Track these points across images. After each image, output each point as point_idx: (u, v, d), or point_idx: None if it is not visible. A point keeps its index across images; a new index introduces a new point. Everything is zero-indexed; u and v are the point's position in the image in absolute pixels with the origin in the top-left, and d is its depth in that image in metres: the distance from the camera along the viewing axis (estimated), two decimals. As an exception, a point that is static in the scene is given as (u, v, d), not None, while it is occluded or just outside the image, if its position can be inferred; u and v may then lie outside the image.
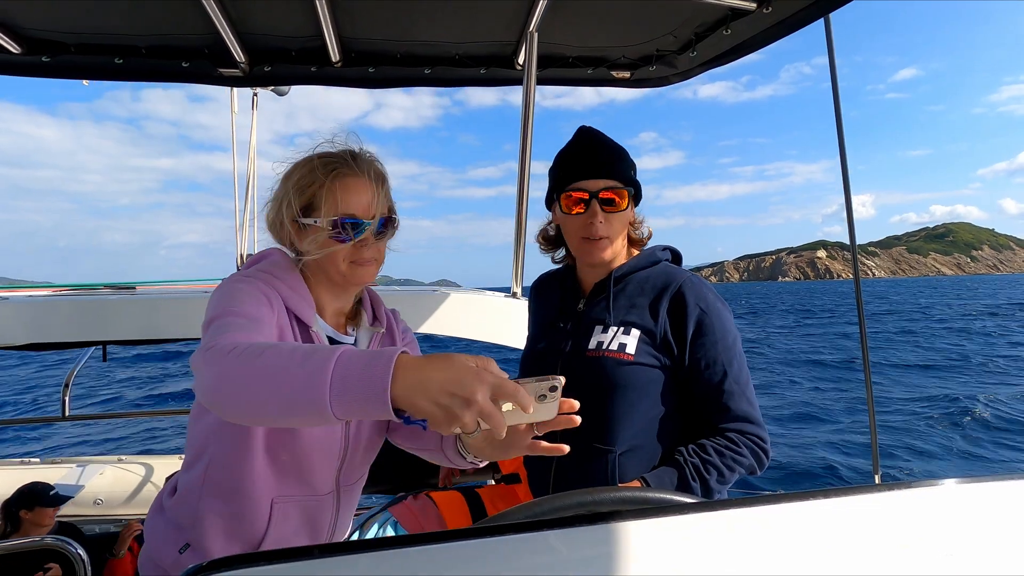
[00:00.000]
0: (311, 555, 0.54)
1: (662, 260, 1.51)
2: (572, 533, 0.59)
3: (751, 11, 1.97)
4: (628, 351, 1.36)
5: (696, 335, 1.36)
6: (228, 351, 0.88)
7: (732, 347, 1.37)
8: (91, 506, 3.71)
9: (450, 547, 0.57)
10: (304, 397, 0.80)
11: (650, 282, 1.44)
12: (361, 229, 1.17)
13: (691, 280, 1.42)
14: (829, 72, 2.09)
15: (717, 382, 1.35)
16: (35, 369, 17.38)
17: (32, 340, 2.45)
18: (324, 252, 1.17)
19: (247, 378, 0.85)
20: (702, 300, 1.38)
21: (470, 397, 0.75)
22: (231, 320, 1.02)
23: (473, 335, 2.77)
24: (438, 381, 0.76)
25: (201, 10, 1.99)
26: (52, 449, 9.12)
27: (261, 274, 1.18)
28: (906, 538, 0.61)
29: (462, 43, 2.40)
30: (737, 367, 1.36)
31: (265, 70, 2.43)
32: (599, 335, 1.41)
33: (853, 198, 2.26)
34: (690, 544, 0.59)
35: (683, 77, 2.53)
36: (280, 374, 0.82)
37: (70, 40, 2.22)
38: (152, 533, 1.25)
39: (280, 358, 0.83)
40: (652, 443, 1.38)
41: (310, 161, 1.20)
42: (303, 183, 1.18)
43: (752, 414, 1.35)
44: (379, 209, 1.20)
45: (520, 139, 2.57)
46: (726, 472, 1.30)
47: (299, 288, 1.21)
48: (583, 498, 0.87)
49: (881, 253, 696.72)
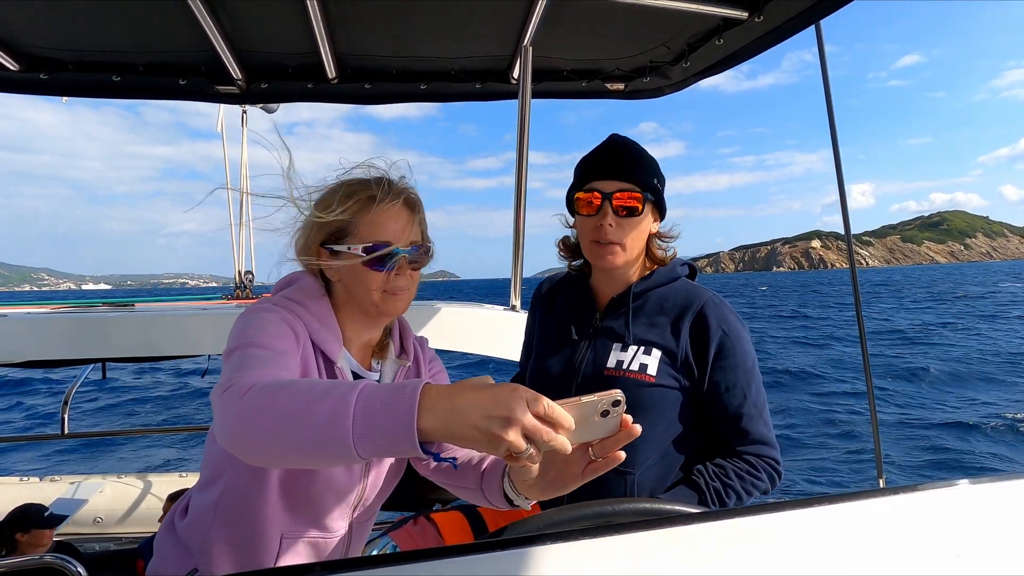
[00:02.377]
0: (312, 572, 0.54)
1: (681, 276, 1.48)
2: (576, 546, 0.59)
3: (743, 20, 1.99)
4: (650, 372, 1.33)
5: (717, 358, 1.34)
6: (244, 392, 0.84)
7: (751, 370, 1.37)
8: (90, 524, 3.69)
9: (450, 563, 0.57)
10: (325, 438, 0.76)
11: (670, 300, 1.41)
12: (395, 256, 1.14)
13: (712, 301, 1.40)
14: (821, 74, 2.10)
15: (737, 405, 1.34)
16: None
17: (31, 357, 2.44)
18: (357, 280, 1.14)
19: (265, 421, 0.81)
20: (724, 322, 1.37)
21: (510, 415, 0.70)
22: (253, 352, 0.98)
23: (472, 349, 2.76)
24: (472, 404, 0.72)
25: (198, 28, 2.01)
26: (52, 466, 9.07)
27: (289, 303, 1.15)
28: (913, 541, 0.60)
29: (457, 58, 2.42)
30: (755, 390, 1.36)
31: (262, 87, 2.45)
32: (618, 353, 1.37)
33: (852, 187, 2.28)
34: (698, 553, 0.59)
35: (677, 87, 2.55)
36: (299, 415, 0.78)
37: (68, 58, 2.24)
38: (161, 551, 1.23)
39: (297, 398, 0.80)
40: (669, 463, 1.37)
41: (345, 185, 1.18)
42: (337, 208, 1.14)
43: (769, 437, 1.35)
44: (413, 237, 1.18)
45: (516, 153, 2.59)
46: (744, 496, 1.30)
47: (327, 319, 1.17)
48: (592, 510, 0.86)
49: (876, 242, 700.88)
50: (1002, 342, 19.94)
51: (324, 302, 1.19)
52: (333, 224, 1.15)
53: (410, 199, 1.19)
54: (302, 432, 0.77)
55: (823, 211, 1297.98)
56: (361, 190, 1.16)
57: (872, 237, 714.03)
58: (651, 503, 0.96)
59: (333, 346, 1.15)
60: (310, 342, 1.13)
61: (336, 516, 1.21)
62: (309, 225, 1.18)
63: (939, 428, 10.09)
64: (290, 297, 1.16)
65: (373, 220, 1.14)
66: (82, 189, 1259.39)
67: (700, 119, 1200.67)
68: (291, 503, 1.16)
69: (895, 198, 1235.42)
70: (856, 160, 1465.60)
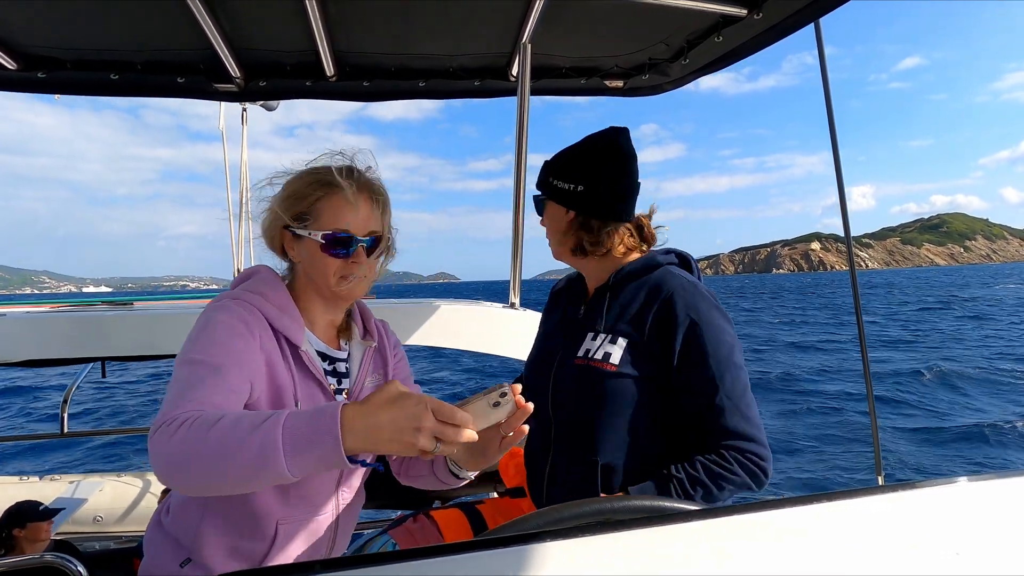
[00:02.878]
0: (313, 570, 0.54)
1: (662, 264, 1.45)
2: (573, 544, 0.59)
3: (742, 18, 1.99)
4: (612, 361, 1.34)
5: (685, 347, 1.30)
6: (173, 434, 0.88)
7: (726, 359, 1.30)
8: (90, 523, 3.69)
9: (449, 560, 0.57)
10: (259, 471, 0.84)
11: (644, 288, 1.40)
12: (353, 245, 1.18)
13: (683, 287, 1.36)
14: (820, 74, 2.09)
15: (708, 398, 1.29)
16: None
17: (30, 356, 2.44)
18: (314, 264, 1.19)
19: (197, 464, 0.87)
20: (692, 309, 1.32)
21: (418, 425, 0.83)
22: (196, 372, 1.01)
23: (472, 346, 2.76)
24: (386, 420, 0.83)
25: (196, 26, 2.00)
26: (51, 465, 9.07)
27: (247, 294, 1.18)
28: (912, 538, 0.61)
29: (456, 56, 2.42)
30: (730, 381, 1.29)
31: (260, 85, 2.44)
32: (588, 342, 1.40)
33: (853, 189, 2.29)
34: (697, 551, 0.59)
35: (676, 85, 2.54)
36: (230, 456, 0.85)
37: (66, 56, 2.23)
38: (151, 546, 1.25)
39: (226, 438, 0.86)
40: (636, 454, 1.35)
41: (311, 172, 1.21)
42: (301, 193, 1.19)
43: (746, 430, 1.28)
44: (373, 227, 1.21)
45: (515, 150, 2.58)
46: (714, 491, 1.25)
47: (287, 307, 1.21)
48: (592, 507, 0.86)
49: (875, 244, 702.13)
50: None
51: (282, 290, 1.24)
52: (296, 208, 1.19)
53: (373, 190, 1.23)
54: (233, 471, 0.85)
55: (823, 213, 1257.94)
56: (325, 177, 1.19)
57: (872, 239, 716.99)
58: (651, 501, 0.96)
59: (296, 332, 1.19)
60: (271, 331, 1.17)
61: (322, 492, 1.24)
62: (275, 205, 1.23)
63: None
64: (248, 289, 1.21)
65: (334, 207, 1.18)
66: (82, 191, 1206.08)
67: (700, 121, 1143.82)
68: (281, 487, 1.17)
69: (896, 200, 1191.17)
70: (857, 162, 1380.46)
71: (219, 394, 1.00)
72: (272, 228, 1.23)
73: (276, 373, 1.14)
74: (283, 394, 1.14)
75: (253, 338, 1.11)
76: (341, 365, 1.30)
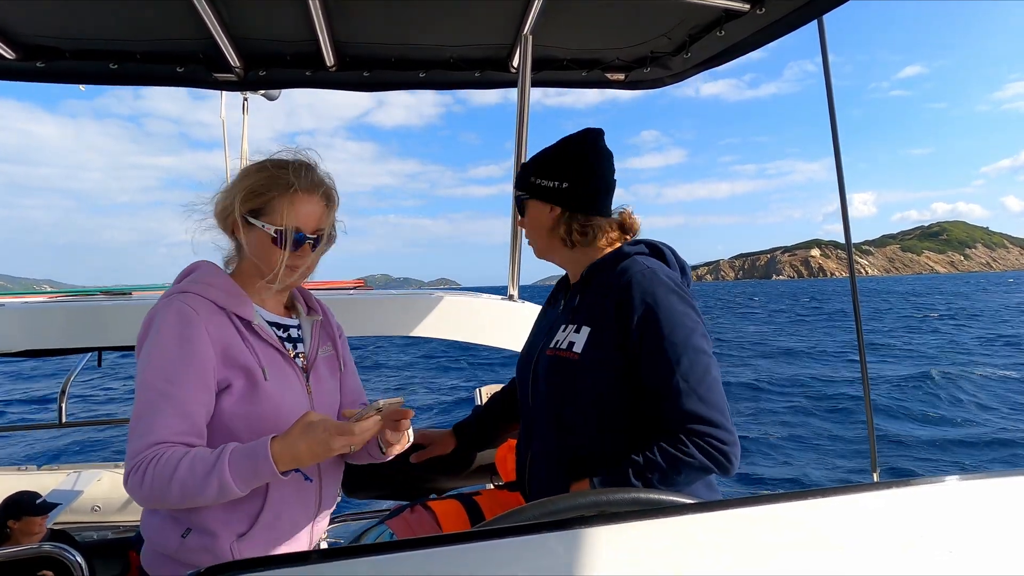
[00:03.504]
0: (309, 560, 0.54)
1: (630, 255, 1.44)
2: (572, 535, 0.59)
3: (744, 12, 1.98)
4: (575, 350, 1.37)
5: (641, 331, 1.30)
6: (141, 484, 1.11)
7: (683, 342, 1.28)
8: (88, 513, 3.69)
9: (447, 551, 0.57)
10: (221, 498, 1.12)
11: (611, 279, 1.40)
12: (302, 243, 1.28)
13: (641, 273, 1.35)
14: (823, 73, 2.08)
15: (664, 381, 1.28)
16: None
17: (28, 347, 2.43)
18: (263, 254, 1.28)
19: (170, 503, 1.14)
20: (648, 295, 1.31)
21: (329, 447, 1.11)
22: (149, 402, 1.16)
23: (469, 338, 2.76)
24: (305, 449, 1.11)
25: (196, 15, 1.99)
26: (50, 455, 9.08)
27: (191, 286, 1.27)
28: (906, 536, 0.61)
29: (457, 46, 2.40)
30: (687, 364, 1.27)
31: (260, 74, 2.43)
32: (559, 333, 1.45)
33: (854, 196, 2.28)
34: (689, 545, 0.59)
35: (677, 79, 2.53)
36: (194, 494, 1.10)
37: (65, 46, 2.22)
38: (149, 529, 1.29)
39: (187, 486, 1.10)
40: (606, 441, 1.37)
41: (272, 167, 1.29)
42: (258, 187, 1.27)
43: (705, 413, 1.26)
44: (321, 225, 1.31)
45: (515, 141, 2.57)
46: (671, 474, 1.24)
47: (232, 289, 1.30)
48: (589, 500, 0.87)
49: (875, 251, 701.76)
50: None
51: (225, 277, 1.33)
52: (253, 201, 1.27)
53: (326, 192, 1.33)
54: (200, 502, 1.13)
55: (824, 220, 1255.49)
56: (282, 175, 1.27)
57: (872, 246, 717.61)
58: (649, 493, 0.96)
59: (245, 309, 1.29)
60: (222, 313, 1.26)
61: None
62: (231, 193, 1.30)
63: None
64: (193, 281, 1.29)
65: (288, 206, 1.26)
66: (84, 200, 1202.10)
67: (702, 127, 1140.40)
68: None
69: (897, 207, 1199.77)
70: (858, 169, 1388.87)
71: (174, 417, 1.16)
72: (225, 212, 1.31)
73: (236, 354, 1.24)
74: (251, 370, 1.25)
75: (199, 332, 1.20)
76: (294, 331, 1.42)
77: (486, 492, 1.77)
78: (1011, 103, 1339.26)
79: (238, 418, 1.24)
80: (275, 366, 1.30)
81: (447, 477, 1.92)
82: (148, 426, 1.14)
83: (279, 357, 1.32)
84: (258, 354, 1.27)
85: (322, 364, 1.44)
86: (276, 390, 1.27)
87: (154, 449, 1.12)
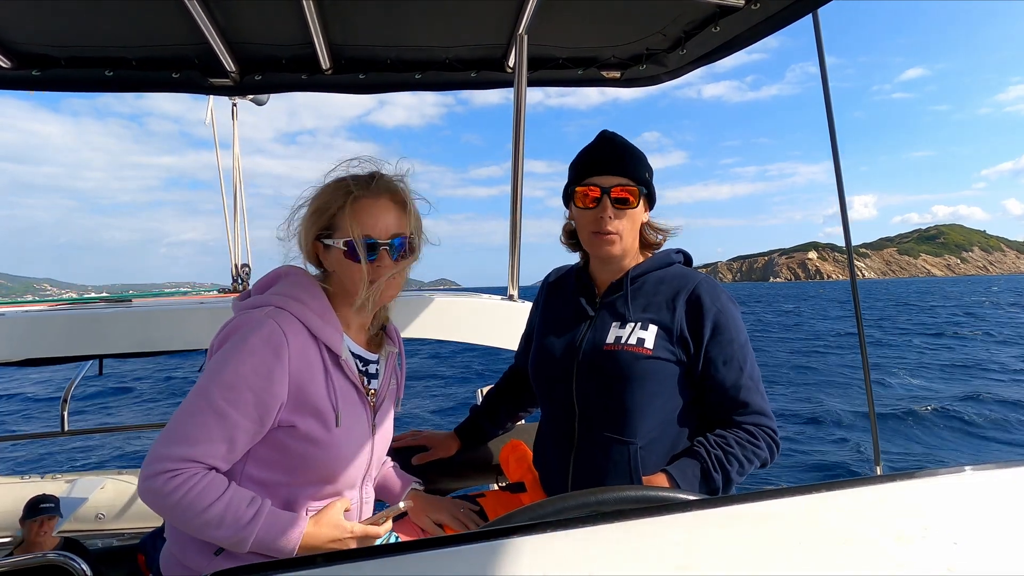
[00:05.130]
0: (314, 563, 0.54)
1: (676, 262, 1.55)
2: (577, 534, 0.59)
3: (739, 8, 1.98)
4: (647, 345, 1.39)
5: (713, 334, 1.40)
6: (165, 498, 1.08)
7: (745, 346, 1.42)
8: (92, 521, 3.69)
9: (453, 551, 0.57)
10: (227, 543, 1.12)
11: (666, 282, 1.48)
12: (376, 250, 1.22)
13: (706, 281, 1.46)
14: (819, 69, 2.08)
15: (734, 378, 1.39)
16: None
17: (29, 355, 2.43)
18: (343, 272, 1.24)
19: (187, 527, 1.12)
20: (718, 301, 1.43)
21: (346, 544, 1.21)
22: (203, 416, 1.11)
23: (469, 338, 2.76)
24: (327, 542, 1.19)
25: (190, 20, 1.99)
26: (52, 463, 9.08)
27: (288, 303, 1.20)
28: (911, 528, 0.61)
29: (452, 47, 2.40)
30: (751, 364, 1.42)
31: (256, 79, 2.43)
32: (617, 330, 1.44)
33: (855, 199, 2.28)
34: (696, 540, 0.59)
35: (673, 75, 2.53)
36: (211, 529, 1.10)
37: (60, 54, 2.21)
38: (179, 537, 1.24)
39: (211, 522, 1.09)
40: (670, 436, 1.42)
41: (332, 184, 1.26)
42: (323, 206, 1.24)
43: (766, 408, 1.41)
44: (396, 230, 1.25)
45: (512, 141, 2.57)
46: (746, 464, 1.35)
47: (326, 313, 1.24)
48: (593, 498, 0.87)
49: (872, 255, 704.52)
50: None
51: (319, 293, 1.26)
52: (322, 221, 1.24)
53: (394, 194, 1.27)
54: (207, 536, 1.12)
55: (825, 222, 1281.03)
56: (343, 186, 1.24)
57: (869, 250, 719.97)
58: (650, 491, 0.96)
59: (336, 340, 1.23)
60: (312, 340, 1.20)
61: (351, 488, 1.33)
62: (304, 220, 1.27)
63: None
64: (283, 294, 1.22)
65: (354, 215, 1.21)
66: (85, 199, 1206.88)
67: (703, 129, 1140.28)
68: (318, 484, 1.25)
69: (897, 210, 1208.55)
70: (859, 172, 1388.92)
71: (220, 442, 1.11)
72: (306, 242, 1.28)
73: (312, 393, 1.18)
74: (323, 414, 1.20)
75: (281, 367, 1.14)
76: (372, 367, 1.38)
77: (490, 493, 1.76)
78: (1013, 105, 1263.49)
79: (293, 455, 1.20)
80: (349, 406, 1.25)
81: (451, 478, 1.92)
82: (191, 439, 1.09)
83: (355, 396, 1.28)
84: (336, 392, 1.22)
85: (388, 399, 1.42)
86: (343, 438, 1.23)
87: (191, 467, 1.09)
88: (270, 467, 1.20)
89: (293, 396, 1.16)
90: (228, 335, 1.17)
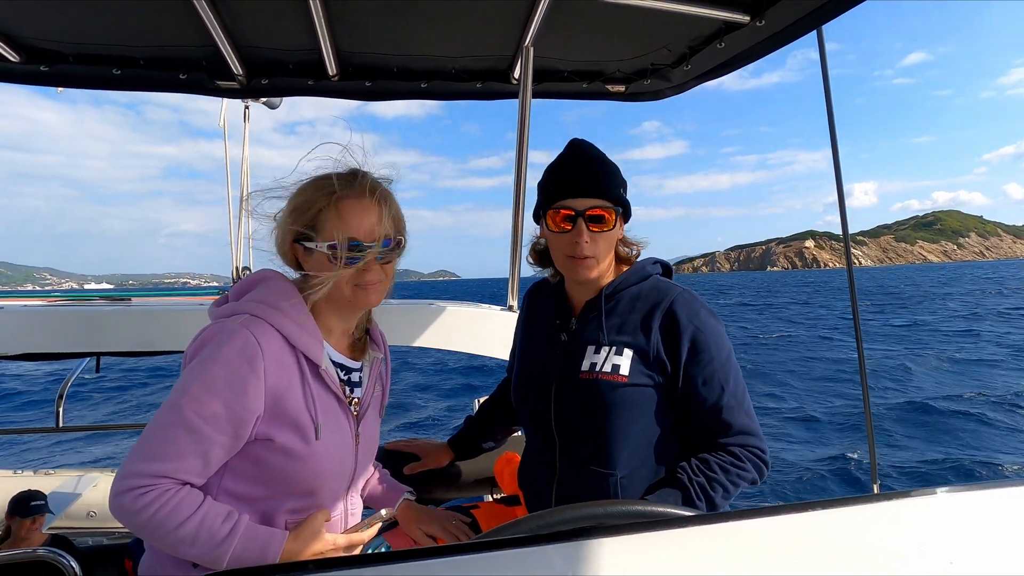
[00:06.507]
0: (307, 570, 0.54)
1: (652, 274, 1.47)
2: (570, 547, 0.59)
3: (744, 24, 1.99)
4: (622, 372, 1.33)
5: (691, 353, 1.33)
6: (136, 515, 1.03)
7: (727, 362, 1.35)
8: (84, 518, 3.68)
9: (443, 562, 0.56)
10: (202, 560, 1.07)
11: (641, 298, 1.41)
12: (361, 252, 1.15)
13: (683, 296, 1.38)
14: (822, 78, 2.08)
15: (715, 398, 1.33)
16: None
17: (27, 350, 2.43)
18: (328, 278, 1.15)
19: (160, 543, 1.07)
20: (695, 317, 1.35)
21: (329, 555, 1.17)
22: (175, 431, 1.05)
23: (469, 349, 2.76)
24: (308, 554, 1.14)
25: (199, 23, 2.00)
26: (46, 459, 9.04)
27: (264, 310, 1.14)
28: (907, 547, 0.60)
29: (458, 57, 2.42)
30: (733, 382, 1.35)
31: (262, 83, 2.44)
32: (592, 356, 1.38)
33: (855, 186, 2.26)
34: (689, 557, 0.58)
35: (677, 90, 2.55)
36: (184, 546, 1.05)
37: (68, 50, 2.23)
38: (154, 551, 1.20)
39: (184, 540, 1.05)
40: (652, 463, 1.36)
41: (312, 183, 1.19)
42: (303, 206, 1.17)
43: (752, 427, 1.34)
44: (382, 231, 1.18)
45: (516, 153, 2.58)
46: (731, 488, 1.29)
47: (305, 322, 1.17)
48: (585, 512, 0.86)
49: (869, 242, 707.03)
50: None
51: (297, 300, 1.19)
52: (301, 221, 1.16)
53: (376, 193, 1.19)
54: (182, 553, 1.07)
55: (825, 210, 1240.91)
56: (324, 186, 1.16)
57: (866, 237, 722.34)
58: (644, 505, 0.96)
59: (315, 349, 1.17)
60: (289, 349, 1.14)
61: (335, 500, 1.28)
62: (282, 222, 1.20)
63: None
64: (260, 300, 1.16)
65: (338, 216, 1.15)
66: (84, 189, 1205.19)
67: (703, 118, 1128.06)
68: (297, 498, 1.20)
69: (897, 197, 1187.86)
70: (860, 159, 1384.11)
71: (193, 457, 1.06)
72: (283, 244, 1.21)
73: (290, 407, 1.13)
74: (302, 427, 1.14)
75: (256, 380, 1.08)
76: (355, 375, 1.31)
77: (484, 505, 1.76)
78: (1016, 88, 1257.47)
79: (270, 468, 1.14)
80: (330, 417, 1.20)
81: (445, 489, 1.91)
82: (163, 454, 1.04)
83: (336, 406, 1.22)
84: (316, 405, 1.16)
85: (371, 408, 1.35)
86: (323, 451, 1.17)
87: (162, 483, 1.04)
88: (248, 481, 1.15)
89: (270, 409, 1.11)
90: (201, 345, 1.12)
